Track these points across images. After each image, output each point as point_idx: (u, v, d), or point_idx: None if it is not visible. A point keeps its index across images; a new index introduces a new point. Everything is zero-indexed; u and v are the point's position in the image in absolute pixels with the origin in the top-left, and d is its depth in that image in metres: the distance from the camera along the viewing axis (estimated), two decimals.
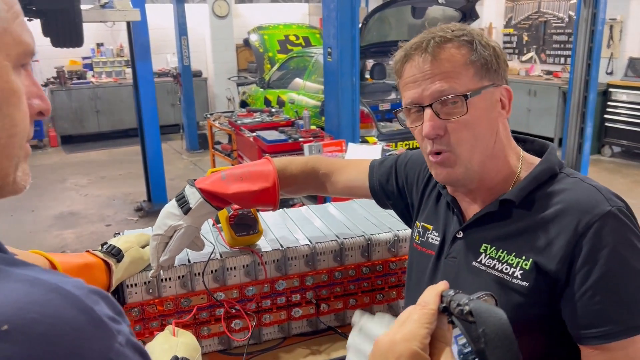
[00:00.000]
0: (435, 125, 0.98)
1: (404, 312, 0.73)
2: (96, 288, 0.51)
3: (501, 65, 1.00)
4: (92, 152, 8.37)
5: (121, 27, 6.18)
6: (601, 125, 7.14)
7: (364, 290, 1.41)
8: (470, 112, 0.96)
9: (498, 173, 1.03)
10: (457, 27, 1.00)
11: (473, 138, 0.98)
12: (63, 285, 0.47)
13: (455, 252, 1.08)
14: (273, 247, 1.35)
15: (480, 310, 0.67)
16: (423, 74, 0.98)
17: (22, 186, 0.60)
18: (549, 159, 1.02)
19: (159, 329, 1.26)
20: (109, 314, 0.49)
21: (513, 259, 0.97)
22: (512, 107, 1.03)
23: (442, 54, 0.97)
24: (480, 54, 0.97)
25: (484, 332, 0.66)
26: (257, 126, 4.91)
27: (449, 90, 0.96)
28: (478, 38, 0.99)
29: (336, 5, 3.96)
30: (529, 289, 0.94)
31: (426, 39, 0.98)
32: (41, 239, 4.95)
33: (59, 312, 0.45)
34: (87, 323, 0.46)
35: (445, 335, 0.70)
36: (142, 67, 5.20)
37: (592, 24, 4.87)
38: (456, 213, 1.10)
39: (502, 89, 1.01)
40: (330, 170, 1.37)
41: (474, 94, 0.96)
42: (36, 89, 0.61)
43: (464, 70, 0.97)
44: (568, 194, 0.96)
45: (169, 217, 1.20)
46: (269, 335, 1.37)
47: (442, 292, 0.72)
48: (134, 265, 1.22)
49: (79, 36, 3.63)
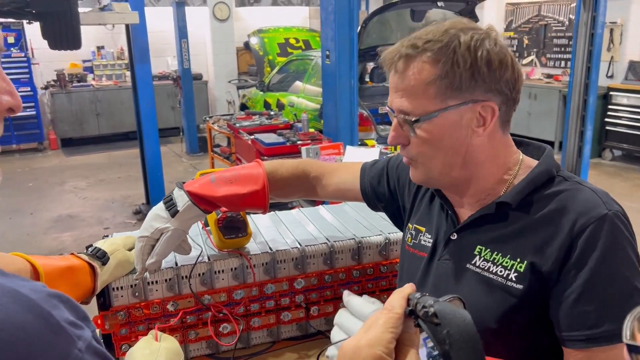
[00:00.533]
0: (396, 135, 1.01)
1: (371, 316, 0.72)
2: (56, 292, 0.49)
3: (486, 79, 0.93)
4: (92, 154, 8.37)
5: (121, 30, 6.19)
6: (602, 129, 7.12)
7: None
8: (428, 131, 0.96)
9: (479, 181, 1.02)
10: (439, 33, 0.94)
11: (431, 153, 0.99)
12: (18, 288, 0.46)
13: (449, 254, 1.06)
14: (262, 250, 1.33)
15: (445, 312, 0.67)
16: (394, 86, 0.99)
17: None
18: (546, 161, 1.01)
19: (145, 333, 1.24)
20: (69, 318, 0.48)
21: (508, 262, 0.96)
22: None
23: (406, 72, 0.95)
24: (449, 73, 0.92)
25: (448, 334, 0.66)
26: (255, 129, 4.90)
27: (406, 109, 0.96)
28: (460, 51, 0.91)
29: (334, 7, 3.95)
30: (524, 291, 0.93)
31: (397, 52, 0.97)
32: (39, 242, 4.94)
33: (12, 316, 0.43)
34: (44, 328, 0.45)
35: (411, 339, 0.70)
36: (141, 69, 5.19)
37: (592, 28, 4.86)
38: (450, 215, 1.09)
39: (483, 105, 0.94)
40: (321, 173, 1.35)
41: (426, 118, 0.95)
42: (5, 85, 0.59)
43: (424, 91, 0.94)
44: (565, 196, 0.95)
45: (155, 220, 1.18)
46: (258, 339, 1.36)
47: (409, 295, 0.72)
48: (120, 268, 1.21)
49: (76, 39, 3.63)
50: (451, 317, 0.67)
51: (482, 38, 0.93)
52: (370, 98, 5.94)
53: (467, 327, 0.66)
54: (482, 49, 0.92)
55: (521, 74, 0.98)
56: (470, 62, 0.91)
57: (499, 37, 0.95)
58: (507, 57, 0.94)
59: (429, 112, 0.94)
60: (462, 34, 0.92)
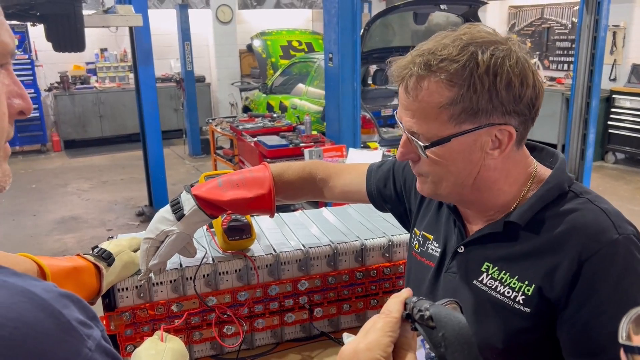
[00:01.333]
0: (405, 151, 0.96)
1: (369, 320, 0.73)
2: (67, 292, 0.50)
3: (504, 103, 0.86)
4: (95, 156, 8.39)
5: (125, 32, 6.21)
6: (604, 132, 7.12)
7: (357, 296, 1.40)
8: (439, 155, 0.91)
9: (490, 199, 0.98)
10: (456, 48, 0.86)
11: (441, 174, 0.94)
12: (31, 288, 0.46)
13: (456, 268, 1.04)
14: (266, 251, 1.34)
15: (440, 316, 0.68)
16: (403, 102, 0.93)
17: (0, 187, 0.60)
18: (557, 175, 0.96)
19: (150, 334, 1.24)
20: (79, 318, 0.48)
21: (516, 283, 0.93)
22: None
23: (417, 92, 0.88)
24: (465, 97, 0.85)
25: (443, 336, 0.67)
26: (258, 131, 4.91)
27: (417, 132, 0.91)
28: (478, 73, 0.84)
29: (337, 10, 3.96)
30: (531, 314, 0.91)
31: (408, 69, 0.89)
32: (42, 243, 4.95)
33: (24, 315, 0.44)
34: (55, 327, 0.45)
35: (409, 342, 0.71)
36: (144, 72, 5.21)
37: (594, 31, 4.86)
38: (458, 226, 1.06)
39: (501, 128, 0.88)
40: (328, 175, 1.33)
41: (438, 143, 0.90)
42: (17, 88, 0.60)
43: (436, 115, 0.88)
44: (576, 217, 0.90)
45: (161, 222, 1.19)
46: (262, 340, 1.36)
47: (406, 299, 0.73)
48: (125, 269, 1.21)
49: (80, 41, 3.65)
50: (446, 321, 0.68)
51: (502, 57, 0.85)
52: (372, 100, 5.95)
53: (462, 330, 0.68)
54: (503, 71, 0.85)
55: (542, 90, 0.91)
56: (488, 86, 0.85)
57: (520, 50, 0.88)
58: (529, 75, 0.87)
59: (441, 137, 0.89)
60: (480, 53, 0.85)
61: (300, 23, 10.54)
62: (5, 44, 0.56)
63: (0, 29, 0.56)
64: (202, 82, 9.54)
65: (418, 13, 5.34)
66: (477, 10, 5.44)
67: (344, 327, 1.42)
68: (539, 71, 7.93)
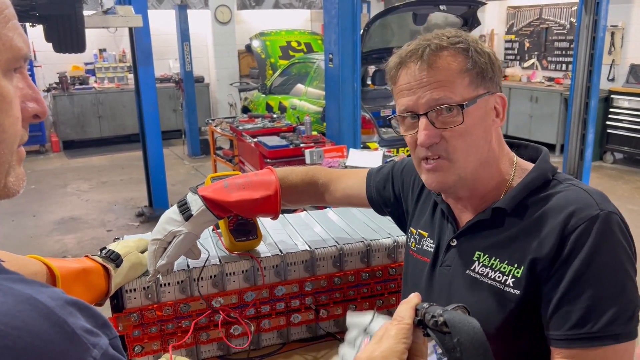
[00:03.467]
0: (430, 134, 0.97)
1: (381, 328, 0.75)
2: (74, 299, 0.50)
3: (496, 72, 1.00)
4: (94, 157, 8.39)
5: (124, 32, 6.21)
6: (603, 132, 7.14)
7: (363, 296, 1.41)
8: (466, 121, 0.96)
9: (490, 180, 1.03)
10: (452, 34, 0.99)
11: (468, 146, 0.98)
12: (36, 295, 0.46)
13: (450, 260, 1.07)
14: (272, 252, 1.35)
15: (455, 321, 0.69)
16: (418, 81, 0.97)
17: (14, 191, 0.60)
18: (541, 165, 1.02)
19: (157, 334, 1.25)
20: (85, 326, 0.48)
21: (505, 267, 0.97)
22: (514, 113, 1.04)
23: (437, 62, 0.96)
24: (476, 62, 0.97)
25: (459, 342, 0.67)
26: (258, 132, 4.91)
27: (445, 99, 0.95)
28: (473, 45, 0.98)
29: (337, 11, 3.97)
30: (521, 297, 0.94)
31: (422, 46, 0.97)
32: (42, 244, 4.95)
33: (28, 323, 0.44)
34: (58, 336, 0.45)
35: (420, 349, 0.73)
36: (144, 72, 5.21)
37: (593, 31, 4.88)
38: (450, 220, 1.10)
39: (497, 96, 1.01)
40: (330, 179, 1.38)
41: (470, 104, 0.96)
42: (32, 92, 0.60)
43: (460, 79, 0.96)
44: (559, 198, 0.96)
45: (169, 223, 1.20)
46: (268, 340, 1.37)
47: (417, 305, 0.74)
48: (133, 270, 1.22)
49: (81, 42, 3.65)
50: (461, 326, 0.68)
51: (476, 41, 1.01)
52: (372, 101, 5.95)
53: (476, 334, 0.68)
54: (484, 48, 1.00)
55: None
56: (487, 55, 0.98)
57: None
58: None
59: (469, 98, 0.96)
60: (466, 33, 1.01)
61: (299, 23, 10.54)
62: (19, 48, 0.56)
63: (13, 33, 0.56)
64: (201, 83, 9.54)
65: (417, 13, 5.35)
66: (476, 10, 5.45)
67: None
68: (537, 71, 7.95)
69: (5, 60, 0.54)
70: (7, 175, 0.57)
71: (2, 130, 0.54)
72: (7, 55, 0.54)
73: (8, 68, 0.55)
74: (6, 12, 0.55)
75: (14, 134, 0.56)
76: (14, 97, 0.55)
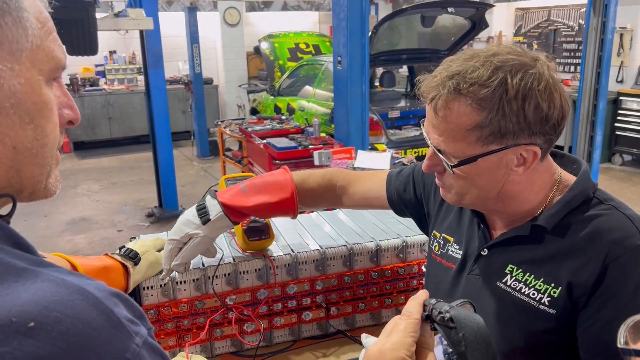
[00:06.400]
0: (431, 164, 1.00)
1: (390, 322, 0.79)
2: (117, 291, 0.54)
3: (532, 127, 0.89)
4: (104, 158, 8.46)
5: (134, 34, 6.27)
6: (611, 134, 7.12)
7: (372, 295, 1.44)
8: (465, 171, 0.95)
9: (515, 208, 1.00)
10: (487, 70, 0.87)
11: (466, 188, 0.98)
12: (85, 287, 0.50)
13: (479, 270, 1.06)
14: (284, 251, 1.38)
15: (460, 317, 0.73)
16: (430, 120, 0.96)
17: (52, 191, 0.64)
18: (582, 182, 0.98)
19: (173, 331, 1.29)
20: (128, 316, 0.52)
21: (541, 285, 0.95)
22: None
23: (448, 112, 0.90)
24: (494, 121, 0.88)
25: (463, 336, 0.72)
26: (267, 133, 4.95)
27: (443, 150, 0.94)
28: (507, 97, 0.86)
29: (346, 14, 4.01)
30: (557, 316, 0.93)
31: (438, 90, 0.91)
32: (54, 244, 5.01)
33: (80, 312, 0.48)
34: (106, 324, 0.49)
35: (428, 342, 0.77)
36: (155, 75, 5.26)
37: (601, 33, 4.88)
38: (482, 229, 1.08)
39: (526, 148, 0.91)
40: (348, 182, 1.37)
41: (466, 162, 0.93)
42: (67, 100, 0.64)
43: (465, 136, 0.90)
44: (601, 222, 0.93)
45: (187, 225, 1.23)
46: (280, 337, 1.40)
47: (424, 301, 0.79)
48: (150, 269, 1.26)
49: (93, 45, 3.69)
50: (466, 322, 0.73)
51: (531, 81, 0.87)
52: (379, 102, 5.98)
53: (480, 330, 0.72)
54: (531, 95, 0.87)
55: (568, 109, 0.93)
56: (517, 110, 0.87)
57: (549, 70, 0.91)
58: (556, 97, 0.90)
59: (468, 156, 0.92)
60: (509, 78, 0.87)
61: (308, 25, 10.59)
62: (59, 59, 0.60)
63: (54, 44, 0.60)
64: (210, 84, 9.60)
65: (425, 16, 5.38)
66: (484, 12, 5.47)
67: (359, 325, 1.46)
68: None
69: (48, 70, 0.58)
70: (48, 177, 0.61)
71: (45, 135, 0.58)
72: (49, 65, 0.58)
73: (50, 78, 0.59)
74: (48, 25, 0.59)
75: (54, 139, 0.60)
76: (54, 104, 0.59)
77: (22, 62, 0.55)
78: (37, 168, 0.60)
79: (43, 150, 0.59)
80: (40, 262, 0.52)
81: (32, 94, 0.56)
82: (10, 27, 0.54)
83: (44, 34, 0.58)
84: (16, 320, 0.44)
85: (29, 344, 0.44)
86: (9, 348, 0.43)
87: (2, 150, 0.55)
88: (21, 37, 0.55)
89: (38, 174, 0.60)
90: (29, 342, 0.44)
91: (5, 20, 0.53)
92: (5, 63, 0.54)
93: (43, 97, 0.58)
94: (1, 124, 0.54)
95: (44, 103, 0.58)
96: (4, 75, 0.53)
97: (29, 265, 0.50)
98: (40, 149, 0.59)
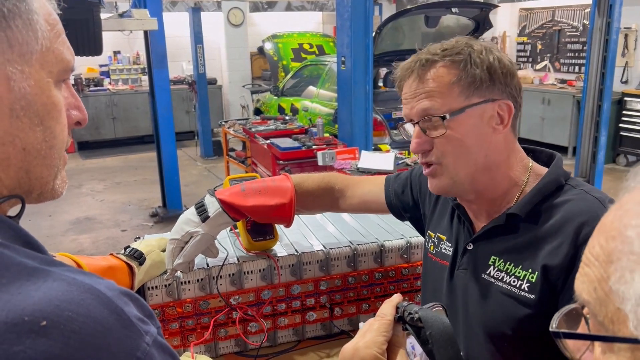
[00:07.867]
0: (420, 141, 1.04)
1: (366, 323, 0.88)
2: (127, 290, 0.54)
3: (500, 80, 1.01)
4: (108, 158, 8.49)
5: (138, 35, 6.30)
6: (616, 134, 7.10)
7: (376, 296, 1.44)
8: (455, 128, 1.01)
9: (497, 185, 1.06)
10: (451, 45, 1.03)
11: (457, 151, 1.02)
12: (96, 286, 0.51)
13: (466, 264, 1.11)
14: (288, 252, 1.39)
15: (428, 317, 0.82)
16: (412, 92, 1.04)
17: (59, 192, 0.64)
18: (554, 170, 1.04)
19: (178, 330, 1.30)
20: (138, 315, 0.52)
21: (520, 272, 1.00)
22: (526, 116, 1.05)
23: (427, 75, 1.01)
24: (469, 73, 1.00)
25: (430, 335, 0.81)
26: (271, 134, 4.96)
27: (431, 109, 1.01)
28: (474, 55, 1.00)
29: (350, 15, 4.01)
30: (536, 301, 0.97)
31: (415, 61, 1.03)
32: (58, 244, 5.03)
33: (91, 311, 0.48)
34: (117, 323, 0.50)
35: (399, 341, 0.86)
36: (159, 75, 5.27)
37: (606, 33, 4.88)
38: (466, 225, 1.13)
39: (500, 103, 1.02)
40: (346, 185, 1.39)
41: (456, 114, 1.00)
42: (75, 101, 0.65)
43: (448, 90, 1.00)
44: (571, 206, 0.98)
45: (187, 223, 1.24)
46: (284, 338, 1.41)
47: (397, 304, 0.87)
48: (154, 268, 1.27)
49: (98, 45, 3.71)
50: (433, 321, 0.82)
51: (489, 47, 1.02)
52: (383, 103, 5.97)
53: (445, 329, 0.81)
54: (493, 54, 1.01)
55: (521, 86, 1.07)
56: (487, 64, 1.00)
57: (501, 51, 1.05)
58: (513, 66, 1.03)
59: (456, 108, 1.00)
60: (472, 43, 1.02)
61: (311, 26, 10.60)
62: (68, 61, 0.61)
63: (63, 47, 0.61)
64: (214, 85, 9.62)
65: (429, 16, 5.37)
66: (488, 13, 5.46)
67: None
68: (549, 73, 7.86)
69: (57, 72, 0.59)
70: (55, 178, 0.62)
71: (53, 136, 0.59)
72: (58, 67, 0.59)
73: (58, 79, 0.59)
74: (57, 28, 0.59)
75: (62, 140, 0.61)
76: (62, 106, 0.60)
77: (32, 65, 0.56)
78: (46, 169, 0.60)
79: (52, 152, 0.59)
80: (51, 262, 0.53)
81: (42, 95, 0.57)
82: (20, 30, 0.54)
83: (53, 36, 0.58)
84: (29, 319, 0.45)
85: (42, 342, 0.45)
86: (22, 347, 0.44)
87: (12, 152, 0.55)
88: (31, 39, 0.56)
89: (46, 175, 0.61)
90: (42, 341, 0.45)
91: (15, 22, 0.54)
92: (16, 65, 0.54)
93: (52, 98, 0.58)
94: (12, 125, 0.55)
95: (53, 105, 0.58)
96: (15, 77, 0.54)
97: (40, 264, 0.51)
98: (49, 150, 0.59)
